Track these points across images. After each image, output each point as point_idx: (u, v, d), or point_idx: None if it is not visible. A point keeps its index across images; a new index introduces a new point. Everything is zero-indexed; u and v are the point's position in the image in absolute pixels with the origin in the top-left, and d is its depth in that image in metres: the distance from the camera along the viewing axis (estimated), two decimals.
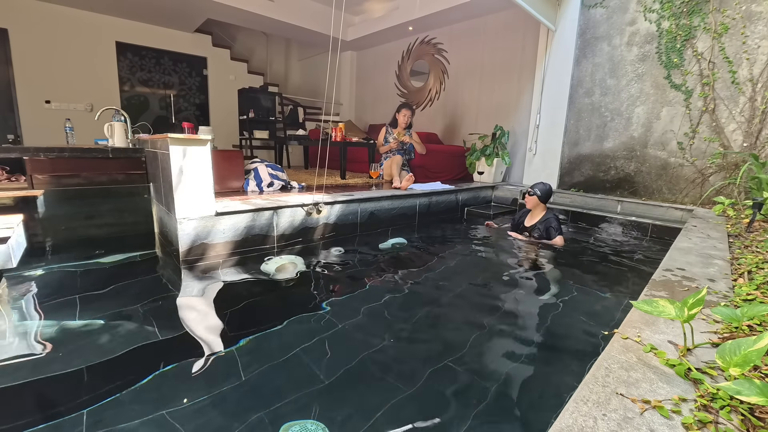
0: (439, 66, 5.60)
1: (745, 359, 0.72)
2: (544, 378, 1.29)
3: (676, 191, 3.68)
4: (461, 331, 1.60)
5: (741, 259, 1.73)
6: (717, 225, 2.61)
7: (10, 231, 1.52)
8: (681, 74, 3.53)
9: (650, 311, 0.91)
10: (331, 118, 6.39)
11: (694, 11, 3.41)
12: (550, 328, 1.65)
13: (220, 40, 6.55)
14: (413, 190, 3.59)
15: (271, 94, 6.38)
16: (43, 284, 1.96)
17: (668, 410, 0.69)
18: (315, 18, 5.49)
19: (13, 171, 2.68)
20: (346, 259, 2.52)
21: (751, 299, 1.23)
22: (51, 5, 4.96)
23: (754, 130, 3.21)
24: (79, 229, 2.68)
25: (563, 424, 0.66)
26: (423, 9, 4.87)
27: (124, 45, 5.65)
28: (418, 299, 1.94)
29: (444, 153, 4.74)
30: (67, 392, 1.16)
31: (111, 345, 1.40)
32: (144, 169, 2.91)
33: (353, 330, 1.57)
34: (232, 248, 2.40)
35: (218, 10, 4.98)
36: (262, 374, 1.24)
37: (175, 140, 2.10)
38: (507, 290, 2.11)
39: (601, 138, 4.10)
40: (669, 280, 1.44)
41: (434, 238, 3.21)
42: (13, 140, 4.94)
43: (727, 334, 0.99)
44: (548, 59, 4.29)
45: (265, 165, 3.16)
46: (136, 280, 2.06)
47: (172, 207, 2.21)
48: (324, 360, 1.34)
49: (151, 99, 6.08)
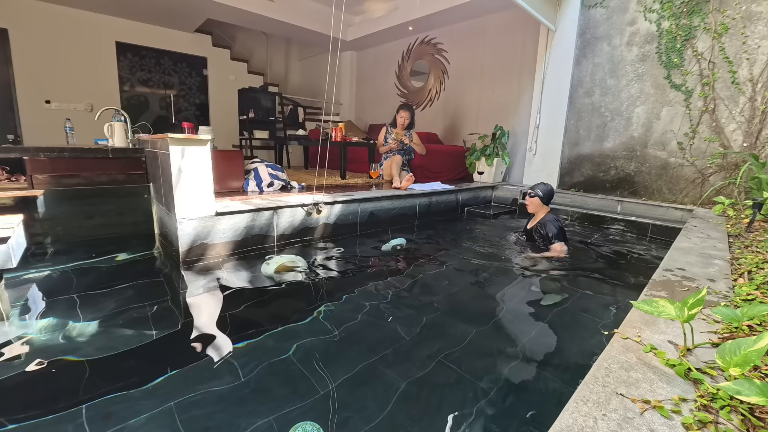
0: (439, 66, 5.60)
1: (745, 359, 0.72)
2: (543, 378, 1.29)
3: (676, 191, 3.68)
4: (461, 331, 1.60)
5: (741, 259, 1.73)
6: (717, 225, 2.61)
7: (10, 231, 1.52)
8: (681, 74, 3.53)
9: (650, 311, 0.91)
10: (331, 118, 6.39)
11: (694, 11, 3.41)
12: (549, 328, 1.65)
13: (220, 40, 6.55)
14: (413, 190, 3.59)
15: (271, 94, 6.38)
16: (43, 284, 1.96)
17: (668, 410, 0.69)
18: (315, 18, 5.49)
19: (13, 171, 2.68)
20: (346, 260, 2.52)
21: (751, 299, 1.23)
22: (51, 5, 4.96)
23: (754, 130, 3.21)
24: (79, 230, 2.68)
25: (563, 424, 0.66)
26: (423, 9, 4.87)
27: (124, 45, 5.65)
28: (418, 299, 1.94)
29: (444, 153, 4.74)
30: (66, 390, 1.15)
31: (110, 345, 1.40)
32: (144, 169, 2.91)
33: (353, 331, 1.57)
34: (232, 248, 2.40)
35: (218, 10, 4.98)
36: (261, 376, 1.24)
37: (175, 140, 2.10)
38: (507, 290, 2.11)
39: (601, 138, 4.10)
40: (669, 280, 1.44)
41: (434, 238, 3.20)
42: (13, 140, 4.95)
43: (727, 334, 0.99)
44: (548, 59, 4.29)
45: (265, 165, 3.16)
46: (135, 281, 2.06)
47: (172, 207, 2.21)
48: (325, 361, 1.33)
49: (151, 99, 6.08)
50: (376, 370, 1.29)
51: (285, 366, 1.30)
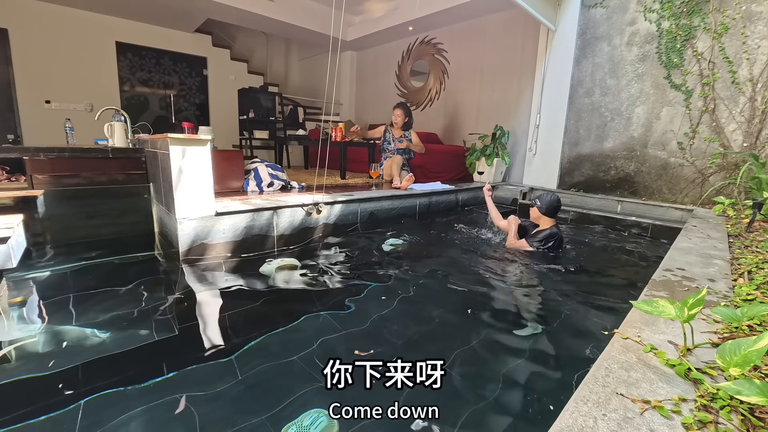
0: (439, 66, 5.60)
1: (745, 359, 0.72)
2: (543, 378, 1.29)
3: (676, 191, 3.68)
4: (461, 331, 1.60)
5: (741, 259, 1.73)
6: (717, 225, 2.61)
7: (10, 231, 1.52)
8: (681, 74, 3.53)
9: (650, 311, 0.91)
10: (331, 118, 6.39)
11: (694, 11, 3.41)
12: (549, 328, 1.65)
13: (220, 40, 6.55)
14: (413, 190, 3.59)
15: (271, 94, 6.38)
16: (43, 284, 1.96)
17: (668, 410, 0.69)
18: (315, 18, 5.49)
19: (13, 171, 2.68)
20: (346, 260, 2.52)
21: (751, 299, 1.23)
22: (51, 5, 4.96)
23: (754, 130, 3.21)
24: (78, 229, 2.68)
25: (563, 424, 0.66)
26: (423, 9, 4.87)
27: (124, 45, 5.65)
28: (418, 299, 1.94)
29: (444, 153, 4.74)
30: (63, 389, 1.15)
31: (109, 345, 1.40)
32: (144, 169, 2.91)
33: (354, 331, 1.57)
34: (232, 248, 2.40)
35: (218, 10, 4.98)
36: (261, 377, 1.24)
37: (175, 140, 2.10)
38: (507, 290, 2.11)
39: (601, 138, 4.10)
40: (669, 280, 1.44)
41: (434, 238, 3.20)
42: (13, 140, 4.94)
43: (727, 334, 0.99)
44: (548, 59, 4.29)
45: (265, 165, 3.16)
46: (135, 281, 2.06)
47: (172, 207, 2.21)
48: (325, 362, 1.33)
49: (151, 99, 6.08)
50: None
51: (285, 368, 1.29)
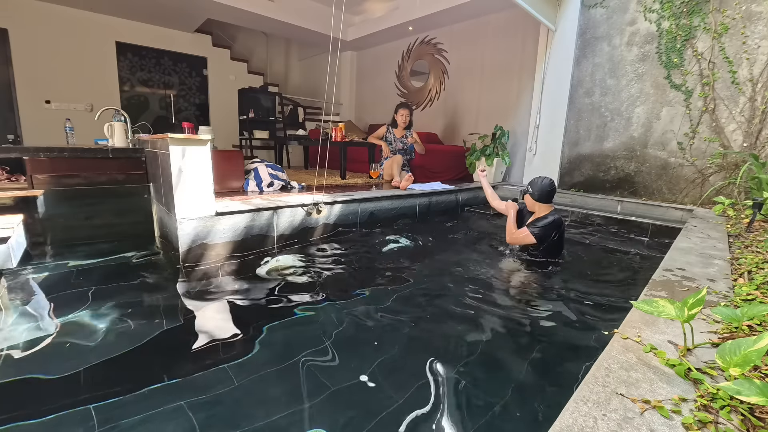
0: (439, 66, 5.60)
1: (745, 359, 0.72)
2: (543, 377, 1.29)
3: (676, 191, 3.68)
4: (460, 331, 1.60)
5: (741, 259, 1.73)
6: (717, 225, 2.61)
7: (10, 231, 1.52)
8: (681, 74, 3.53)
9: (650, 311, 0.91)
10: (331, 118, 6.39)
11: (694, 11, 3.41)
12: (549, 328, 1.65)
13: (220, 40, 6.55)
14: (413, 190, 3.59)
15: (271, 94, 6.38)
16: (42, 284, 1.96)
17: (668, 410, 0.69)
18: (315, 18, 5.49)
19: (13, 171, 2.68)
20: (346, 260, 2.52)
21: (751, 299, 1.23)
22: (51, 5, 4.96)
23: (754, 130, 3.21)
24: (79, 230, 2.68)
25: (563, 424, 0.66)
26: (423, 9, 4.87)
27: (124, 45, 5.64)
28: (418, 299, 1.94)
29: (444, 153, 4.74)
30: (61, 392, 1.15)
31: (109, 345, 1.40)
32: (144, 169, 2.91)
33: (354, 332, 1.57)
34: (231, 248, 2.40)
35: (218, 10, 4.98)
36: (261, 377, 1.24)
37: (175, 140, 2.10)
38: (506, 289, 2.11)
39: (601, 138, 4.10)
40: (669, 280, 1.44)
41: (434, 237, 3.20)
42: (13, 140, 4.94)
43: (727, 334, 0.99)
44: (548, 59, 4.29)
45: (265, 165, 3.16)
46: (135, 281, 2.06)
47: (172, 207, 2.21)
48: (325, 362, 1.33)
49: (151, 99, 6.07)
50: (377, 370, 1.29)
51: (285, 369, 1.29)
